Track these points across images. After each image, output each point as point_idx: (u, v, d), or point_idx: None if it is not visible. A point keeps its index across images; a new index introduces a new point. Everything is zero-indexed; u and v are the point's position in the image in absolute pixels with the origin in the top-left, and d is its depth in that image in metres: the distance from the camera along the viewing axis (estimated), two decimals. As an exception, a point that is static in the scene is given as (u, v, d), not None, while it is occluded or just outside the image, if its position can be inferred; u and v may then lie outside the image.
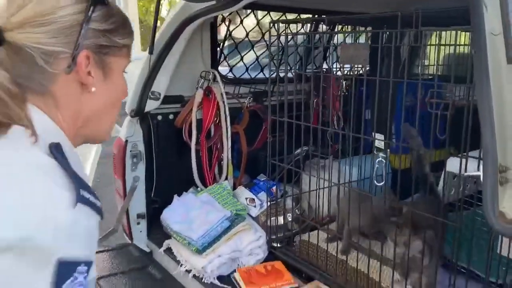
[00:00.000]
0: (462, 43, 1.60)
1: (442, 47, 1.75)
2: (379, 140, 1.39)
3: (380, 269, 1.55)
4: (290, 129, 1.77)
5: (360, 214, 1.57)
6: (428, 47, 2.62)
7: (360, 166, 1.81)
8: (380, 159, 1.48)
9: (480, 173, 0.82)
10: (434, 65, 2.49)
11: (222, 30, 2.41)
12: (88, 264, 0.66)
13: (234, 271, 1.75)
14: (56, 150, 0.68)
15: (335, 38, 2.52)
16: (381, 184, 1.52)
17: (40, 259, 0.61)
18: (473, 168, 1.17)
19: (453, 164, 1.56)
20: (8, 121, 0.66)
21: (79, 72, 0.76)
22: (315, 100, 2.33)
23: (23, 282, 0.61)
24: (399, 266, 1.47)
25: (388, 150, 1.54)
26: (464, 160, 1.19)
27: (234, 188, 2.25)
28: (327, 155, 1.85)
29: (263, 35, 2.48)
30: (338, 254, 1.67)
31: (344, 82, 2.50)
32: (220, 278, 1.74)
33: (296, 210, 2.06)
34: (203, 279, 1.74)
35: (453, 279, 1.29)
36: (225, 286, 1.70)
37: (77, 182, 0.66)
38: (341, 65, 2.02)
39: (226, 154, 2.22)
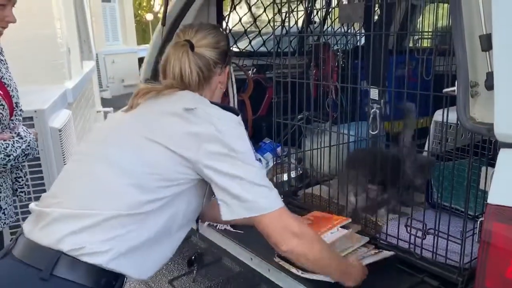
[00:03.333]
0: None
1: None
2: (373, 89, 1.56)
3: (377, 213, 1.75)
4: (293, 94, 1.93)
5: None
6: (420, 21, 2.78)
7: (356, 130, 1.97)
8: (374, 109, 1.65)
9: (455, 88, 1.00)
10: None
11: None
12: None
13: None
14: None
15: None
16: (375, 132, 1.69)
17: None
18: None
19: (439, 115, 1.72)
20: (186, 88, 1.34)
21: (223, 75, 1.44)
22: (314, 71, 2.52)
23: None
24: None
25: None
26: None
27: (241, 152, 2.42)
28: (326, 121, 2.03)
29: (265, 9, 2.66)
30: (339, 201, 1.85)
31: (341, 55, 2.67)
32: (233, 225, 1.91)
33: (299, 169, 2.25)
34: (217, 226, 1.92)
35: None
36: (238, 231, 1.88)
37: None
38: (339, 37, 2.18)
39: (233, 120, 2.40)
